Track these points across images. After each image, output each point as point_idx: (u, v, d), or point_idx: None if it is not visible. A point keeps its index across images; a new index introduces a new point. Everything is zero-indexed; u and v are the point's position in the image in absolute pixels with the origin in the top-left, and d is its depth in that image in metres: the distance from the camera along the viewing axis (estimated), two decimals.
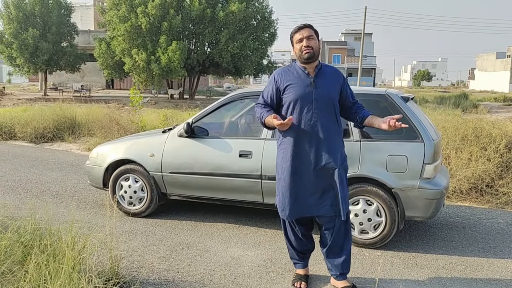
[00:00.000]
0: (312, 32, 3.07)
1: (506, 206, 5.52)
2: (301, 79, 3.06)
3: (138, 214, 4.90)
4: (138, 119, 10.26)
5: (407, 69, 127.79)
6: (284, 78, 3.11)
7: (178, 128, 4.75)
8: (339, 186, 3.03)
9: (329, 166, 3.02)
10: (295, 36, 3.07)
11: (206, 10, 23.24)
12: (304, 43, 3.02)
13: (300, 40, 3.04)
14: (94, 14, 39.76)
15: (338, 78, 3.14)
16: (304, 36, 3.03)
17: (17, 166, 7.63)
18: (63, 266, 2.68)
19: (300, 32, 3.05)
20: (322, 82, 3.06)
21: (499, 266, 3.75)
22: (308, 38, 3.03)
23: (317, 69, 3.09)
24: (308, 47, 3.01)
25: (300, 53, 3.04)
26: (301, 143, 3.03)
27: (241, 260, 3.81)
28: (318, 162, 3.02)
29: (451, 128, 6.64)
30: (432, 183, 3.92)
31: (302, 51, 3.02)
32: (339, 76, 3.16)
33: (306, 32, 3.04)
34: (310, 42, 3.02)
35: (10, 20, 25.53)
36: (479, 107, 20.35)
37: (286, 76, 3.12)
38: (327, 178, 3.04)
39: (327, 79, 3.09)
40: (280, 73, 3.16)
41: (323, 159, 3.02)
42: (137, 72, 23.38)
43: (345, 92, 3.16)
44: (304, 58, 3.03)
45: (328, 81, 3.08)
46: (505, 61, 58.78)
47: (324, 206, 3.06)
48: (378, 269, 3.63)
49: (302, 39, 3.03)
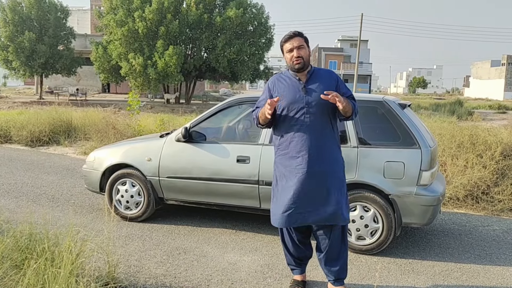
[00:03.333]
0: (302, 40, 3.03)
1: (502, 213, 5.55)
2: (292, 86, 3.05)
3: (135, 218, 4.89)
4: (135, 123, 10.24)
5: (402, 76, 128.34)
6: (277, 86, 3.12)
7: (175, 132, 4.75)
8: (335, 192, 3.01)
9: (323, 171, 3.00)
10: (285, 45, 3.04)
11: (203, 15, 23.31)
12: (295, 54, 2.99)
13: (291, 50, 3.01)
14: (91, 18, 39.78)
15: (331, 80, 3.09)
16: (294, 46, 3.00)
17: (13, 170, 7.59)
18: (60, 270, 2.67)
19: (290, 41, 3.01)
20: (314, 87, 3.03)
21: (495, 273, 3.77)
22: (298, 48, 3.00)
23: (309, 74, 3.08)
24: (299, 57, 2.99)
25: (291, 63, 3.02)
26: (295, 149, 3.02)
27: (238, 265, 3.80)
28: (312, 168, 2.98)
29: (447, 135, 6.68)
30: (429, 190, 3.94)
31: (293, 61, 3.00)
32: (332, 78, 3.11)
33: (296, 41, 3.01)
34: (300, 52, 3.00)
35: (6, 23, 25.42)
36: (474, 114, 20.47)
37: (279, 84, 3.13)
38: (321, 184, 3.00)
39: (320, 83, 3.04)
40: (273, 81, 3.18)
41: (317, 165, 2.99)
42: (134, 76, 23.35)
43: (343, 91, 3.08)
44: (295, 69, 3.03)
45: (321, 85, 3.03)
46: (499, 69, 59.19)
47: (318, 214, 3.00)
48: (375, 275, 3.64)
49: (292, 49, 3.00)
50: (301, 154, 3.00)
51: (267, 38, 26.83)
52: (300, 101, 2.99)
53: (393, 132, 4.06)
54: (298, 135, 3.01)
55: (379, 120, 4.17)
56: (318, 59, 62.14)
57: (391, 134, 4.07)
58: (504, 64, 58.25)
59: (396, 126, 4.05)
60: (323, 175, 3.01)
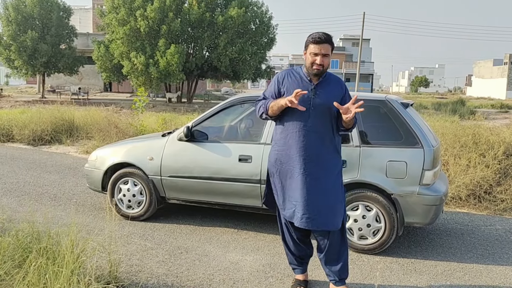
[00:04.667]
0: (329, 49, 2.96)
1: (504, 212, 5.54)
2: (302, 85, 3.02)
3: (137, 217, 4.89)
4: (137, 122, 10.24)
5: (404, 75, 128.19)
6: (286, 81, 3.10)
7: (177, 132, 4.74)
8: (329, 197, 2.98)
9: (318, 173, 2.98)
10: (311, 47, 2.95)
11: (205, 14, 23.30)
12: (318, 61, 2.93)
13: (315, 54, 2.94)
14: (93, 17, 39.80)
15: (340, 89, 3.09)
16: (320, 53, 2.93)
17: (15, 169, 7.60)
18: (62, 269, 2.67)
19: (319, 46, 2.92)
20: (323, 91, 3.02)
21: (498, 273, 3.76)
22: (324, 56, 2.93)
23: (321, 77, 3.05)
24: (321, 65, 2.94)
25: (310, 65, 2.97)
26: (294, 148, 3.00)
27: (240, 265, 3.80)
28: (308, 168, 2.97)
29: (450, 135, 6.67)
30: (431, 189, 3.93)
31: (313, 65, 2.95)
32: (341, 87, 3.11)
33: (324, 49, 2.92)
34: (324, 60, 2.94)
35: (9, 22, 25.48)
36: (476, 113, 20.42)
37: (288, 79, 3.10)
38: (315, 186, 2.97)
39: (329, 88, 3.04)
40: (283, 75, 3.14)
41: (314, 167, 2.97)
42: (136, 75, 23.37)
43: (345, 102, 3.05)
44: (313, 74, 2.99)
45: (330, 90, 3.03)
46: (502, 68, 59.04)
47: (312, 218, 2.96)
48: (377, 274, 3.63)
49: (318, 54, 2.93)
50: (299, 154, 2.98)
51: (269, 37, 26.83)
52: (307, 101, 2.97)
53: (395, 132, 4.05)
54: (298, 135, 3.00)
55: (382, 119, 4.16)
56: None
57: (393, 133, 4.06)
58: (506, 63, 58.09)
59: (398, 126, 4.04)
60: (319, 179, 2.98)
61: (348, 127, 3.02)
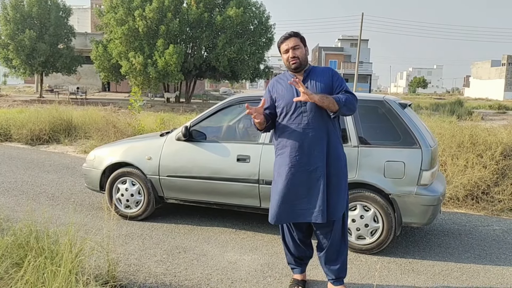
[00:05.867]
0: (298, 40, 3.04)
1: (502, 213, 5.55)
2: (290, 86, 3.05)
3: (135, 217, 4.89)
4: (135, 122, 10.24)
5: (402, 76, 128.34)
6: (276, 87, 3.15)
7: (176, 131, 4.75)
8: (332, 190, 3.00)
9: (322, 169, 2.99)
10: (282, 46, 3.07)
11: (204, 14, 23.31)
12: (290, 54, 3.02)
13: (287, 50, 3.03)
14: (92, 16, 39.77)
15: (327, 77, 3.07)
16: (289, 47, 3.02)
17: (13, 168, 7.59)
18: (60, 268, 2.67)
19: (286, 42, 3.04)
20: (311, 85, 3.03)
21: (495, 273, 3.77)
22: (294, 48, 3.02)
23: (306, 73, 3.09)
24: (294, 57, 3.01)
25: (288, 63, 3.05)
26: (294, 148, 3.01)
27: (238, 264, 3.80)
28: (311, 166, 2.99)
29: (448, 135, 6.68)
30: (429, 190, 3.94)
31: (289, 61, 3.03)
32: (327, 74, 3.09)
33: (292, 42, 3.03)
34: (296, 52, 3.02)
35: (7, 21, 25.44)
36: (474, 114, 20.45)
37: (277, 85, 3.15)
38: (319, 182, 2.99)
39: (316, 80, 3.05)
40: (272, 83, 3.21)
41: (316, 163, 2.99)
42: (134, 75, 23.36)
43: (337, 86, 3.05)
44: (292, 69, 3.06)
45: (317, 82, 3.04)
46: (500, 69, 59.18)
47: (315, 212, 3.00)
48: (375, 274, 3.64)
49: (288, 49, 3.02)
50: (299, 152, 3.00)
51: (267, 37, 26.84)
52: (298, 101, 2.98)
53: (393, 132, 4.06)
54: (297, 134, 3.01)
55: (380, 119, 4.17)
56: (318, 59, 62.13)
57: (391, 133, 4.07)
58: (504, 64, 58.24)
59: (396, 126, 4.05)
60: (319, 173, 2.99)
61: (330, 109, 2.92)
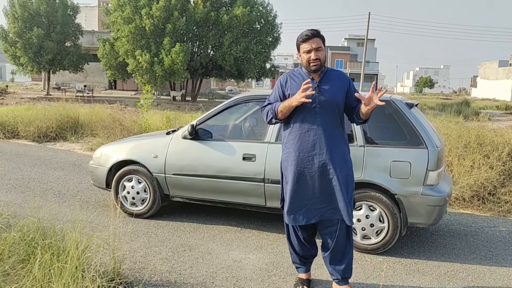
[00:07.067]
0: (321, 42, 2.97)
1: (508, 214, 5.52)
2: None
3: (141, 215, 4.91)
4: (141, 120, 10.27)
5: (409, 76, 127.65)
6: (289, 83, 3.11)
7: (182, 130, 4.76)
8: (342, 191, 3.01)
9: (331, 170, 3.00)
10: (303, 46, 2.98)
11: (210, 13, 23.30)
12: (313, 56, 2.94)
13: (309, 51, 2.95)
14: (99, 14, 39.90)
15: (343, 82, 3.09)
16: (312, 48, 2.94)
17: (20, 165, 7.64)
18: (66, 265, 2.69)
19: (309, 42, 2.94)
20: (326, 87, 3.03)
21: (501, 274, 3.75)
22: (317, 50, 2.94)
23: (322, 74, 3.06)
24: (316, 59, 2.95)
25: (307, 63, 2.98)
26: (305, 147, 3.02)
27: (243, 263, 3.81)
28: (321, 166, 3.00)
29: (454, 135, 6.65)
30: (435, 190, 3.92)
31: (310, 62, 2.96)
32: (344, 80, 3.11)
33: (315, 43, 2.94)
34: (318, 54, 2.95)
35: (15, 19, 25.58)
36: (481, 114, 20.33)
37: (291, 81, 3.11)
38: (330, 182, 3.02)
39: (332, 84, 3.05)
40: (285, 78, 3.15)
41: (326, 163, 3.00)
42: (140, 73, 23.40)
43: (351, 94, 3.09)
44: (312, 70, 3.01)
45: (333, 86, 3.04)
46: (507, 69, 58.71)
47: (327, 210, 3.05)
48: (380, 274, 3.63)
49: (311, 50, 2.95)
50: (309, 152, 3.01)
51: (274, 36, 26.78)
52: (313, 99, 2.97)
53: (400, 132, 4.05)
54: (308, 134, 3.01)
55: (386, 119, 4.15)
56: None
57: (398, 133, 4.06)
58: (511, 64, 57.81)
59: (403, 126, 4.04)
60: (329, 174, 3.01)
61: (366, 118, 3.05)
